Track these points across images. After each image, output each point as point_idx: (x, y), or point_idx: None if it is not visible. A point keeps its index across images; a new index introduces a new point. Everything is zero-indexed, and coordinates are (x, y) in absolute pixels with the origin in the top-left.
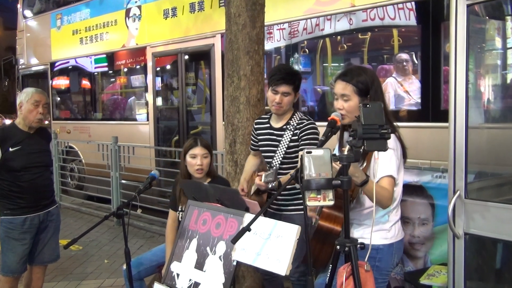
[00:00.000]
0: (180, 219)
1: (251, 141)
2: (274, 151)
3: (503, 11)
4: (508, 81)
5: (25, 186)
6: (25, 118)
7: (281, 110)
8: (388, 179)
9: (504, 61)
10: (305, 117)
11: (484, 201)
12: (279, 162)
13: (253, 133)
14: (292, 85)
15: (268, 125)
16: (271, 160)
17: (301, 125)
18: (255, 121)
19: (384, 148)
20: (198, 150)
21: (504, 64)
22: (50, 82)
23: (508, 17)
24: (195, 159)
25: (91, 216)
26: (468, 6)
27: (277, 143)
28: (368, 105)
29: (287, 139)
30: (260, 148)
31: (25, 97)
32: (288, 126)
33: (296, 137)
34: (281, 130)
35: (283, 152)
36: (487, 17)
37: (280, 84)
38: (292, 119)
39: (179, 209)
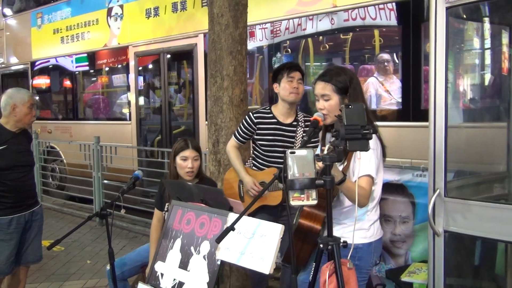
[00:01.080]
0: (166, 218)
1: (242, 133)
2: (284, 147)
3: (481, 13)
4: (487, 81)
5: (10, 185)
6: (20, 120)
7: (298, 98)
8: (366, 179)
9: (482, 61)
10: (307, 115)
11: (463, 200)
12: None
13: (248, 126)
14: (302, 74)
15: (275, 120)
16: (278, 154)
17: (309, 122)
18: (254, 114)
19: (366, 148)
20: (189, 153)
21: (482, 64)
22: (31, 81)
23: (486, 19)
24: (186, 162)
25: (73, 216)
26: (447, 8)
27: (289, 139)
28: (350, 106)
29: (300, 135)
30: (262, 142)
31: (20, 100)
32: (298, 123)
33: None
34: (291, 126)
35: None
36: (466, 19)
37: (295, 70)
38: (298, 116)
39: (166, 209)
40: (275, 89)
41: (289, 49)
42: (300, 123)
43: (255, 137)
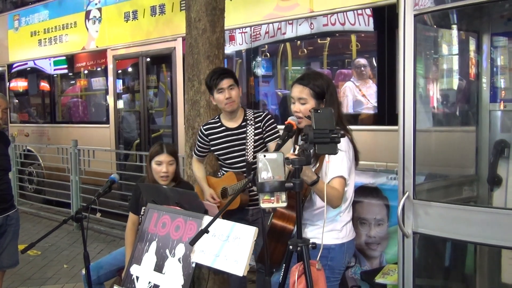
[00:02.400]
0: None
1: (198, 148)
2: (239, 151)
3: (449, 20)
4: (455, 86)
5: None
6: None
7: (235, 105)
8: (339, 180)
9: (451, 67)
10: (258, 110)
11: (430, 202)
12: (251, 157)
13: (202, 140)
14: (232, 78)
15: (224, 127)
16: (235, 160)
17: (260, 118)
18: (204, 127)
19: (334, 151)
20: (163, 157)
21: (451, 70)
22: (8, 84)
23: (454, 26)
24: (161, 166)
25: (50, 220)
26: (415, 16)
27: (240, 142)
28: (319, 111)
29: (251, 134)
30: (218, 152)
31: None
32: (247, 122)
33: (260, 130)
34: (240, 128)
35: (252, 147)
36: (434, 26)
37: (222, 80)
38: (247, 115)
39: (142, 213)
40: (212, 101)
41: (267, 53)
42: (249, 121)
43: (212, 148)
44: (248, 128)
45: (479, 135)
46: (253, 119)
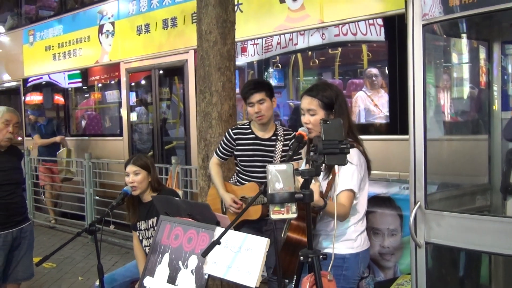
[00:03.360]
0: (141, 238)
1: (222, 149)
2: (263, 161)
3: (458, 29)
4: (466, 95)
5: None
6: None
7: (265, 118)
8: (347, 193)
9: (462, 76)
10: (288, 129)
11: (442, 211)
12: None
13: (228, 142)
14: (263, 91)
15: (253, 135)
16: (256, 169)
17: (289, 136)
18: (233, 130)
19: (343, 162)
20: (128, 168)
21: (462, 78)
22: (23, 98)
23: (464, 35)
24: (128, 177)
25: (65, 233)
26: (423, 26)
27: (268, 154)
28: (328, 121)
29: (279, 149)
30: (241, 158)
31: None
32: (277, 137)
33: (287, 148)
34: (270, 141)
35: (278, 162)
36: (444, 35)
37: (252, 94)
38: (278, 130)
39: (138, 228)
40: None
41: (279, 64)
42: (279, 137)
43: (236, 153)
44: (277, 142)
45: (491, 144)
46: (282, 135)
